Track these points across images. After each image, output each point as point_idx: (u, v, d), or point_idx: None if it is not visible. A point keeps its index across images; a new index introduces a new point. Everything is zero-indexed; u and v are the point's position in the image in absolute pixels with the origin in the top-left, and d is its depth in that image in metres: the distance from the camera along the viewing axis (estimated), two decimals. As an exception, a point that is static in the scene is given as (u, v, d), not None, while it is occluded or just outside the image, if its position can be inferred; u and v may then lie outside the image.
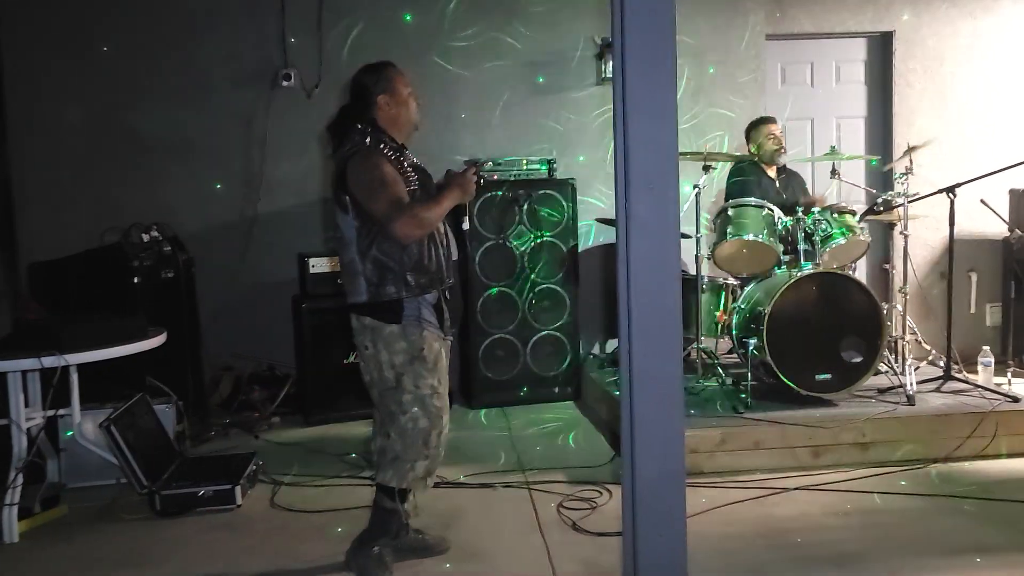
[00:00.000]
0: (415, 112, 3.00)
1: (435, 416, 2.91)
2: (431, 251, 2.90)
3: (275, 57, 5.44)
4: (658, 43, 2.29)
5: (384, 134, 2.93)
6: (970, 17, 5.93)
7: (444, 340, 2.99)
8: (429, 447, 2.91)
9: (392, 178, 2.81)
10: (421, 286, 2.86)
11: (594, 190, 5.68)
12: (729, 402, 4.30)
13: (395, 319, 2.85)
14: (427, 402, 2.89)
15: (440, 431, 2.93)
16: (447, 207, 2.89)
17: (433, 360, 2.90)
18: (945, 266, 5.74)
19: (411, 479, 2.93)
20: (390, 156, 2.86)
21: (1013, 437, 4.06)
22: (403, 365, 2.87)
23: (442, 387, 2.95)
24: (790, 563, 3.06)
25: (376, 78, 2.95)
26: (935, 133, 5.87)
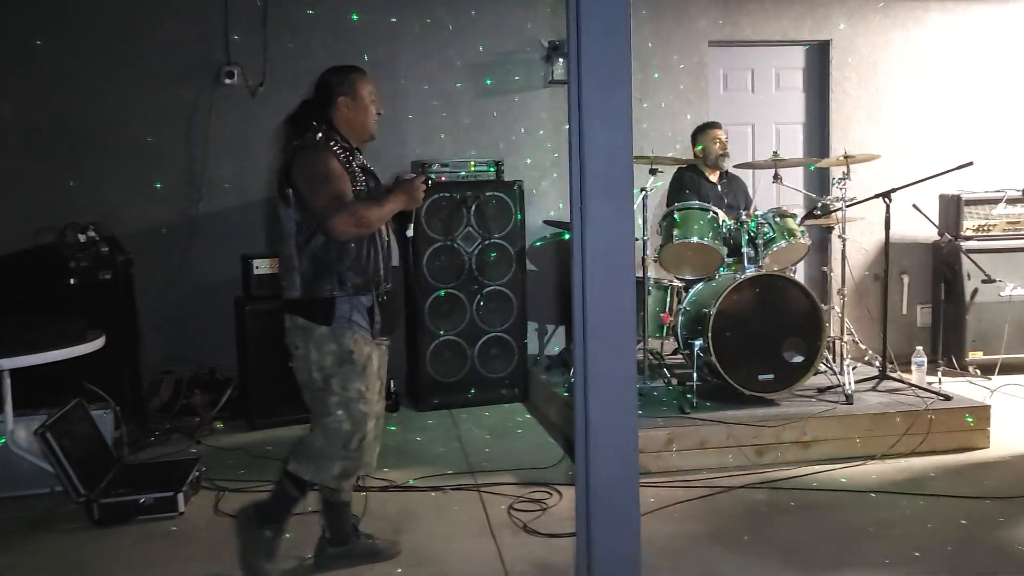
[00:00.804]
0: (373, 120, 2.98)
1: (358, 420, 2.87)
2: (370, 253, 2.88)
3: (218, 54, 5.33)
4: (613, 47, 2.31)
5: (337, 133, 2.92)
6: (902, 28, 6.14)
7: (376, 345, 2.95)
8: (348, 450, 2.88)
9: (337, 175, 2.79)
10: (356, 286, 2.84)
11: (541, 192, 5.71)
12: (675, 402, 4.36)
13: (326, 320, 2.82)
14: (352, 406, 2.86)
15: (362, 436, 2.88)
16: (390, 211, 2.88)
17: (362, 364, 2.87)
18: (878, 268, 5.95)
19: (325, 477, 2.91)
20: (339, 154, 2.85)
21: (945, 434, 4.20)
22: (332, 367, 2.84)
23: (370, 392, 2.90)
24: (739, 560, 3.12)
25: (341, 79, 2.95)
26: (869, 139, 6.07)
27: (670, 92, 5.88)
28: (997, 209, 5.85)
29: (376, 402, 3.01)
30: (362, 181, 2.87)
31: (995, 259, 5.64)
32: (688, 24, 5.88)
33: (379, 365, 3.01)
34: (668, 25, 5.84)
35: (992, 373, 5.50)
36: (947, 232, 5.81)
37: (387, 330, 2.98)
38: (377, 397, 3.02)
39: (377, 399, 3.02)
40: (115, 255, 4.64)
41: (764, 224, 4.57)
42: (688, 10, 5.87)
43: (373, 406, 2.93)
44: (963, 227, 5.83)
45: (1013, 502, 3.55)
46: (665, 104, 5.87)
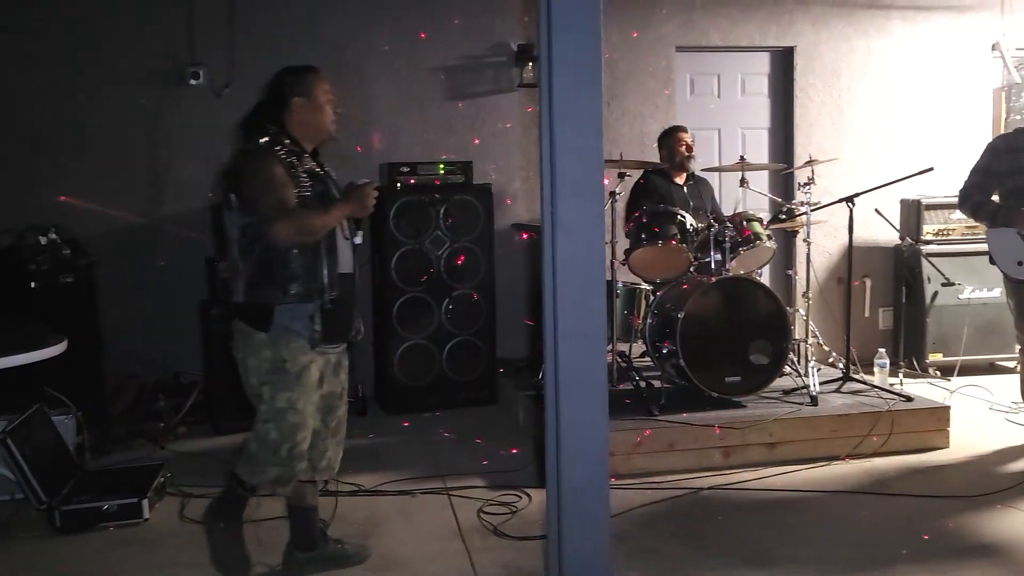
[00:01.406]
0: (330, 120, 2.92)
1: (287, 431, 2.83)
2: (314, 260, 2.80)
3: (183, 54, 5.26)
4: (584, 52, 2.33)
5: (287, 137, 2.85)
6: (865, 36, 6.25)
7: (322, 354, 2.89)
8: (279, 457, 2.85)
9: (280, 181, 2.73)
10: (298, 294, 2.79)
11: (510, 195, 5.72)
12: (644, 405, 4.38)
13: (264, 327, 2.78)
14: (281, 416, 2.82)
15: (292, 445, 2.84)
16: (336, 218, 2.81)
17: (296, 374, 2.81)
18: (842, 272, 6.05)
19: (261, 481, 2.91)
20: (284, 159, 2.77)
21: (907, 435, 4.28)
22: (265, 375, 2.82)
23: (301, 402, 2.83)
24: (706, 561, 3.14)
25: (295, 80, 2.90)
26: (832, 145, 6.17)
27: (638, 96, 5.92)
28: (956, 213, 5.95)
29: (336, 408, 3.02)
30: (307, 186, 2.79)
31: (954, 263, 5.75)
32: (655, 30, 5.93)
33: (330, 372, 2.96)
34: (635, 30, 5.88)
35: (951, 374, 5.61)
36: (908, 236, 5.92)
37: (332, 339, 2.89)
38: (336, 403, 3.01)
39: (336, 405, 3.01)
40: (77, 258, 4.55)
41: (731, 228, 4.62)
42: (655, 16, 5.92)
43: (307, 417, 2.87)
44: (923, 231, 5.95)
45: (973, 501, 3.62)
46: (632, 108, 5.91)
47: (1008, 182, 4.15)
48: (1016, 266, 4.07)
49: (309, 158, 2.90)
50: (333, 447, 3.06)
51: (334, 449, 3.06)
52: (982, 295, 5.84)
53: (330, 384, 2.98)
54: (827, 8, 6.17)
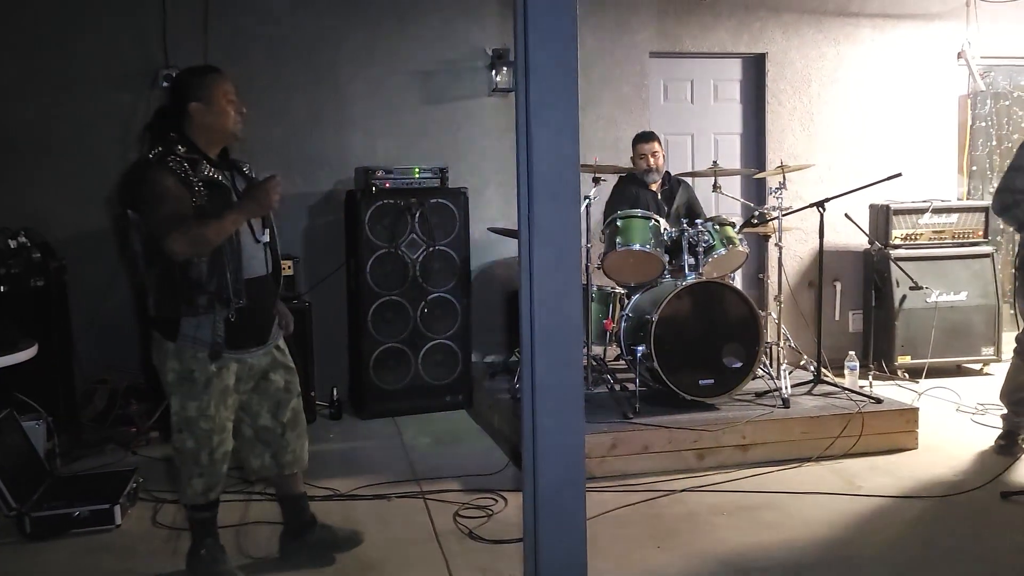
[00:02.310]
0: (233, 123, 2.83)
1: (202, 438, 2.85)
2: (217, 269, 2.75)
3: (156, 56, 5.22)
4: (560, 57, 2.34)
5: (181, 144, 2.77)
6: (834, 42, 6.34)
7: (234, 361, 2.88)
8: (200, 465, 2.88)
9: (172, 193, 2.66)
10: (202, 306, 2.76)
11: (486, 199, 5.73)
12: (619, 407, 4.41)
13: (171, 336, 2.79)
14: (193, 424, 2.84)
15: (211, 451, 2.87)
16: (233, 223, 2.73)
17: (204, 382, 2.81)
18: (812, 276, 6.13)
19: (191, 495, 2.94)
20: (176, 169, 2.69)
21: (877, 436, 4.34)
22: (173, 384, 2.83)
23: (212, 408, 2.83)
24: (682, 562, 3.17)
25: (193, 83, 2.82)
26: (803, 150, 6.26)
27: (612, 101, 5.96)
28: (924, 219, 6.08)
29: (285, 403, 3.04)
30: (204, 195, 2.72)
31: (922, 267, 5.86)
32: (630, 35, 5.98)
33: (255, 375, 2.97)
34: (610, 36, 5.92)
35: (919, 377, 5.71)
36: (877, 241, 6.01)
37: (242, 345, 2.87)
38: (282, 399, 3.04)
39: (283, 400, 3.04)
40: (48, 261, 4.50)
41: (704, 232, 4.67)
42: (629, 22, 5.97)
43: (223, 421, 2.88)
44: (892, 236, 6.05)
45: (942, 501, 3.69)
46: (607, 113, 5.95)
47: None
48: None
49: (208, 164, 2.79)
50: (294, 440, 3.10)
51: (296, 442, 3.11)
52: (949, 299, 5.95)
53: (270, 383, 3.02)
54: (797, 15, 6.26)
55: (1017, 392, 4.30)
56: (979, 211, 6.17)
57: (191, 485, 2.92)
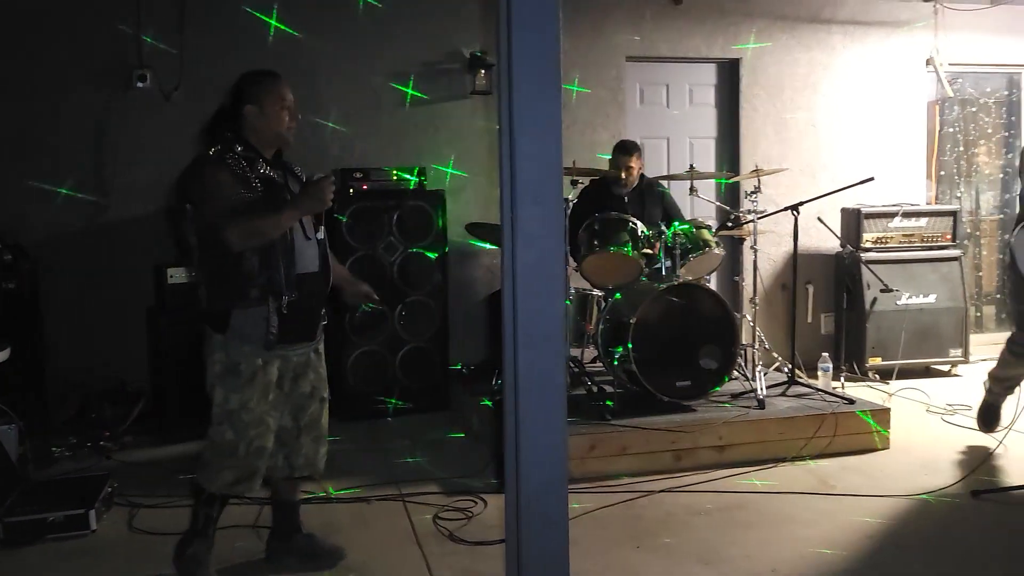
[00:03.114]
0: (283, 127, 2.92)
1: (242, 430, 2.86)
2: (271, 263, 2.82)
3: (130, 56, 5.17)
4: (544, 60, 2.35)
5: (240, 144, 2.88)
6: (807, 49, 6.43)
7: (278, 356, 2.91)
8: (237, 458, 2.89)
9: (230, 187, 2.77)
10: (254, 298, 2.81)
11: (464, 201, 5.73)
12: (597, 409, 4.44)
13: (221, 329, 2.84)
14: (235, 416, 2.86)
15: (249, 442, 2.88)
16: (289, 218, 2.81)
17: (249, 375, 2.85)
18: (786, 278, 6.20)
19: (219, 484, 2.93)
20: (234, 166, 2.81)
21: (850, 436, 4.41)
22: (217, 376, 2.87)
23: (254, 402, 2.87)
24: (661, 562, 3.20)
25: (249, 86, 2.92)
26: (776, 154, 6.33)
27: (589, 105, 5.99)
28: (894, 222, 6.18)
29: (307, 407, 3.05)
30: (259, 191, 2.81)
31: (892, 269, 5.95)
32: (606, 40, 6.02)
33: (294, 373, 2.99)
34: (586, 40, 5.96)
35: (890, 378, 5.81)
36: (848, 244, 6.10)
37: (291, 340, 2.91)
38: (305, 403, 3.05)
39: (305, 404, 3.05)
40: (20, 263, 4.45)
41: (681, 235, 4.71)
42: (606, 26, 6.01)
43: (263, 416, 2.89)
44: (863, 239, 6.14)
45: (914, 499, 3.76)
46: (584, 117, 5.98)
47: None
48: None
49: (266, 163, 2.91)
50: (309, 444, 3.09)
51: (310, 446, 3.09)
52: (918, 301, 6.05)
53: (298, 385, 3.01)
54: (771, 21, 6.34)
55: (1005, 381, 4.46)
56: (947, 215, 6.29)
57: (220, 475, 2.90)
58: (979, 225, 7.14)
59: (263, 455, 2.92)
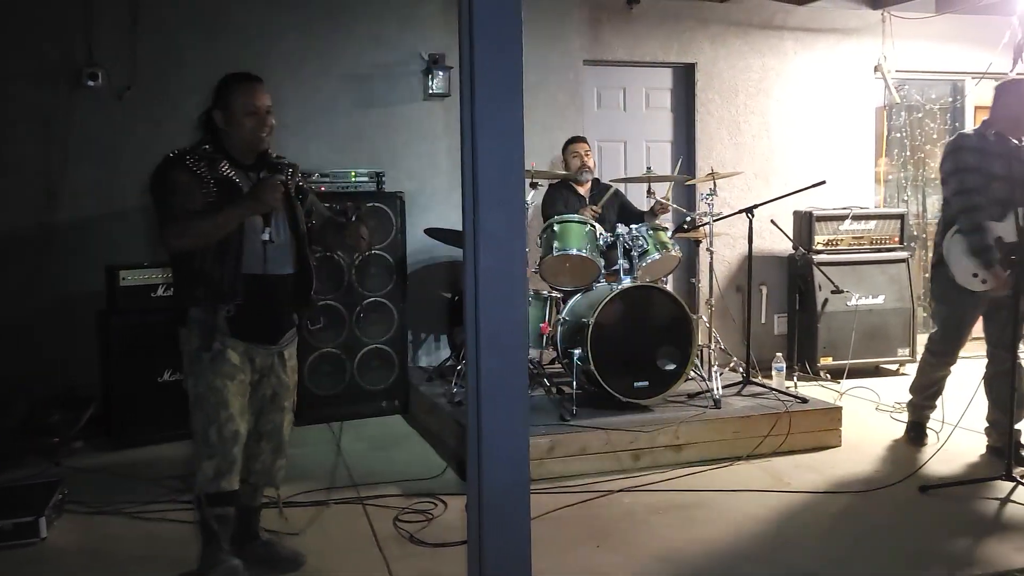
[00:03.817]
0: (248, 134, 2.87)
1: (211, 412, 2.84)
2: (216, 264, 2.81)
3: (79, 55, 5.05)
4: (506, 63, 2.36)
5: (211, 144, 2.88)
6: (760, 54, 6.55)
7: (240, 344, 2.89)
8: (210, 444, 2.85)
9: (180, 189, 2.76)
10: (202, 297, 2.83)
11: (422, 204, 5.72)
12: (556, 410, 4.46)
13: (184, 322, 2.88)
14: (203, 400, 2.85)
15: (218, 426, 2.84)
16: (230, 218, 2.77)
17: (210, 358, 2.85)
18: (740, 280, 6.31)
19: (203, 481, 2.88)
20: (192, 167, 2.79)
21: (804, 434, 4.50)
22: (185, 367, 2.91)
23: (219, 382, 2.84)
24: (620, 561, 3.23)
25: (219, 91, 2.90)
26: (730, 158, 6.43)
27: (547, 108, 6.02)
28: (844, 225, 6.32)
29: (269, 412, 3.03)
30: (212, 193, 2.78)
31: (842, 271, 6.09)
32: (564, 43, 6.05)
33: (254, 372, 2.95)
34: (544, 43, 5.98)
35: (841, 377, 5.93)
36: (801, 246, 6.23)
37: (247, 338, 2.90)
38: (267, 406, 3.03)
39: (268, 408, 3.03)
40: (-36, 265, 4.32)
41: (639, 237, 4.76)
42: (563, 29, 6.05)
43: (231, 397, 2.86)
44: (815, 242, 6.27)
45: (865, 495, 3.85)
46: (542, 119, 6.01)
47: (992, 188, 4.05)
48: (971, 277, 4.09)
49: (232, 165, 2.87)
50: (267, 453, 3.08)
51: (268, 456, 3.08)
52: (868, 302, 6.20)
53: (260, 386, 3.00)
54: (724, 27, 6.44)
55: (927, 389, 4.55)
56: (895, 218, 6.45)
57: (202, 469, 2.85)
58: (925, 228, 7.33)
59: (237, 440, 2.87)
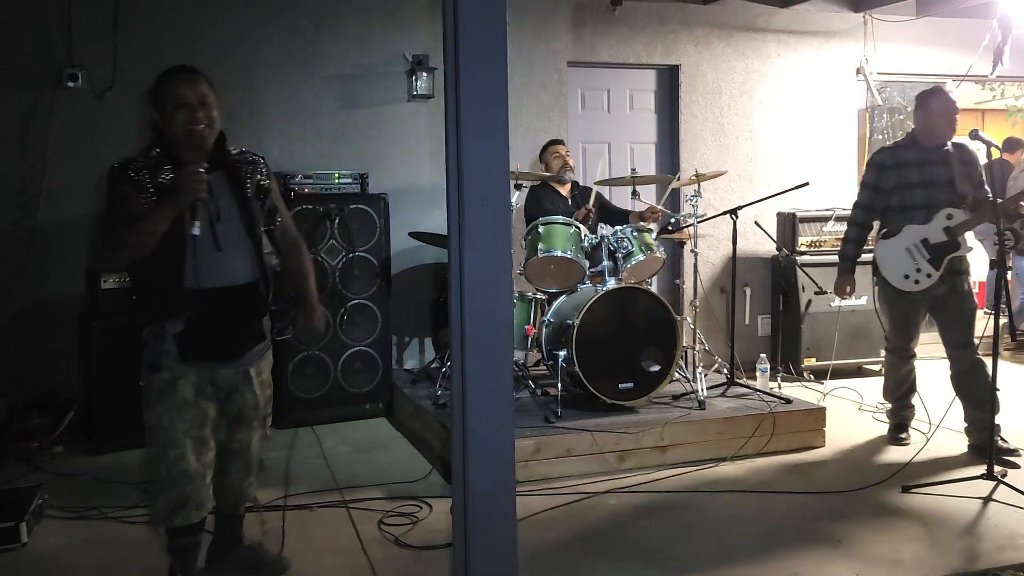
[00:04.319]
0: (183, 129, 2.64)
1: (160, 449, 2.68)
2: (160, 278, 2.62)
3: (59, 55, 5.01)
4: (491, 65, 2.37)
5: (157, 150, 2.69)
6: (742, 56, 6.57)
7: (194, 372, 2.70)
8: (161, 480, 2.71)
9: (118, 200, 2.60)
10: (149, 315, 2.67)
11: (406, 206, 5.70)
12: (541, 412, 4.45)
13: (142, 345, 2.72)
14: (153, 433, 2.70)
15: (168, 465, 2.68)
16: (159, 219, 2.54)
17: (159, 390, 2.67)
18: (723, 282, 6.33)
19: (157, 517, 2.76)
20: (134, 176, 2.60)
21: (787, 435, 4.52)
22: (142, 391, 2.74)
23: (167, 419, 2.67)
24: (607, 563, 3.23)
25: (152, 90, 2.70)
26: (714, 159, 6.45)
27: (531, 109, 6.02)
28: (827, 226, 6.35)
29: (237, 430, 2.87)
30: (151, 201, 2.59)
31: (826, 272, 6.09)
32: (548, 44, 6.05)
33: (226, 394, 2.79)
34: (529, 44, 5.98)
35: (824, 378, 5.96)
36: (784, 247, 6.26)
37: (205, 358, 2.71)
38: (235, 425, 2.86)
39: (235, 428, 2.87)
40: (-59, 268, 4.27)
41: (624, 238, 4.77)
42: (548, 31, 6.05)
43: (178, 434, 2.68)
44: (798, 243, 6.30)
45: (848, 495, 3.86)
46: (526, 121, 6.01)
47: (894, 198, 4.37)
48: (903, 279, 4.29)
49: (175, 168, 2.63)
50: (236, 471, 2.93)
51: (235, 475, 2.94)
52: (850, 303, 6.21)
53: (227, 406, 2.83)
54: (708, 29, 6.46)
55: (899, 388, 4.63)
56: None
57: (155, 503, 2.74)
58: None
59: (189, 480, 2.68)
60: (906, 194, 4.33)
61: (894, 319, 4.50)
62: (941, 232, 4.22)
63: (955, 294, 4.30)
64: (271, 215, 2.87)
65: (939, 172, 4.29)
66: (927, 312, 4.43)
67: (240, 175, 2.79)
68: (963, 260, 4.30)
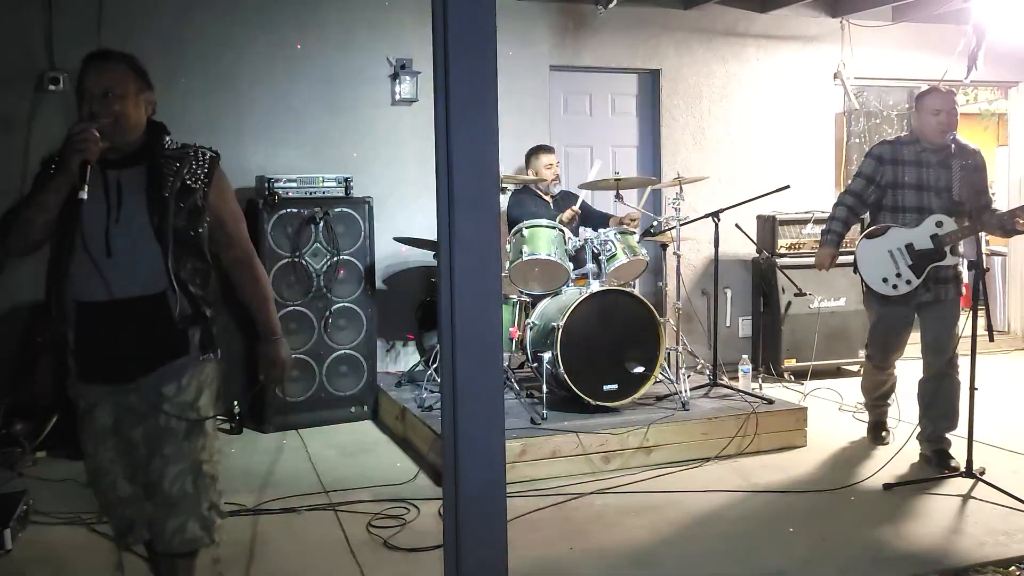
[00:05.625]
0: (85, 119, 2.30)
1: (90, 476, 2.47)
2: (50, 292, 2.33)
3: (40, 57, 4.97)
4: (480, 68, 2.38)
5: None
6: (723, 61, 6.64)
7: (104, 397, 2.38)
8: (101, 506, 2.56)
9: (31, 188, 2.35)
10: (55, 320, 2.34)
11: (390, 209, 5.70)
12: (526, 414, 4.48)
13: None
14: (85, 460, 2.49)
15: (101, 492, 2.47)
16: (53, 187, 2.23)
17: (81, 415, 2.43)
18: (705, 284, 6.38)
19: (115, 541, 2.59)
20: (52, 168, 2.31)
21: (770, 435, 4.58)
22: None
23: (91, 446, 2.42)
24: (594, 563, 3.26)
25: None
26: (695, 163, 6.51)
27: (514, 113, 6.03)
28: (806, 229, 6.43)
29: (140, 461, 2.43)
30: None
31: (805, 274, 6.16)
32: (531, 48, 6.08)
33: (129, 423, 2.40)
34: (512, 48, 6.00)
35: (804, 378, 6.03)
36: (764, 250, 6.32)
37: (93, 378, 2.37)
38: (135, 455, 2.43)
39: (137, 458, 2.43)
40: (-79, 273, 4.22)
41: (607, 241, 4.80)
42: (531, 35, 6.08)
43: (102, 462, 2.42)
44: (778, 245, 6.37)
45: (830, 494, 3.92)
46: (510, 124, 6.01)
47: (887, 196, 4.26)
48: (881, 282, 4.23)
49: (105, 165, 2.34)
50: (155, 513, 2.43)
51: (158, 516, 2.42)
52: (830, 304, 6.31)
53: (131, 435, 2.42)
54: (689, 33, 6.52)
55: (875, 391, 4.68)
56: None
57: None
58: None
59: (125, 505, 2.45)
60: (899, 194, 4.22)
61: (874, 328, 4.44)
62: (928, 239, 4.10)
63: (939, 303, 4.18)
64: (192, 218, 2.39)
65: (936, 175, 4.16)
66: (909, 327, 4.35)
67: (163, 172, 2.39)
68: (951, 269, 4.16)
